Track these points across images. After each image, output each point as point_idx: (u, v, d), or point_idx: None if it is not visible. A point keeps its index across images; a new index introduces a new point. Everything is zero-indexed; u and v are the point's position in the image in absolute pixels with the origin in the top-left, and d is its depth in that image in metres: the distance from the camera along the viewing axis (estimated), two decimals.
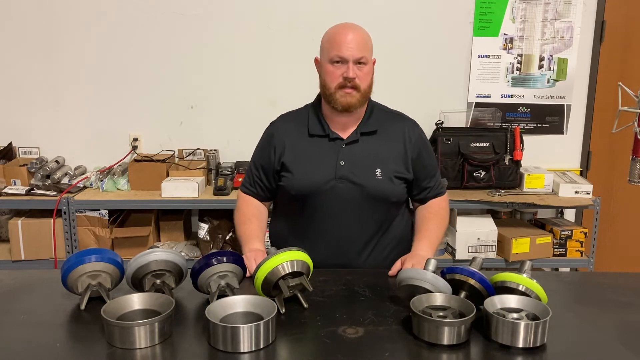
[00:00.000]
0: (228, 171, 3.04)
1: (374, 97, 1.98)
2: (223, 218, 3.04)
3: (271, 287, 1.44)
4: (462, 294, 1.43)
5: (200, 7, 3.09)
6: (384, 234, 1.86)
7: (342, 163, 1.78)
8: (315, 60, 1.83)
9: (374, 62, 1.81)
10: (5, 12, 3.06)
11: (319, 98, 1.86)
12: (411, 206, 1.99)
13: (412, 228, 1.99)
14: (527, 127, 3.27)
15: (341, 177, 1.77)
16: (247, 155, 2.22)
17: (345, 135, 1.81)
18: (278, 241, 1.91)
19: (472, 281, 1.42)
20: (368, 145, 1.80)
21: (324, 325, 1.37)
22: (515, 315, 1.32)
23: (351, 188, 1.76)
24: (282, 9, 3.10)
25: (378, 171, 1.78)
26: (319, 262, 1.58)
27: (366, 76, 1.74)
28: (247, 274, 1.59)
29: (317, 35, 1.84)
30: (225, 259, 1.50)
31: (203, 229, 2.98)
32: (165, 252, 1.50)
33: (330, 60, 1.72)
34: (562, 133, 3.30)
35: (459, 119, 3.23)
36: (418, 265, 1.63)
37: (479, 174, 3.02)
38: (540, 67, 3.21)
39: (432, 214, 1.90)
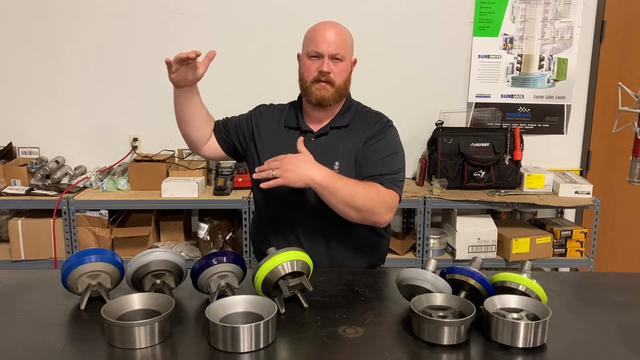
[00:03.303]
0: (228, 171, 3.04)
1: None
2: (223, 218, 3.04)
3: (271, 287, 1.44)
4: (462, 294, 1.43)
5: (200, 7, 3.09)
6: (346, 230, 1.80)
7: None
8: (298, 55, 1.87)
9: (355, 62, 1.84)
10: (5, 12, 3.07)
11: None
12: None
13: (376, 231, 1.87)
14: (527, 127, 3.27)
15: None
16: None
17: (316, 128, 1.84)
18: (253, 237, 1.97)
19: (472, 281, 1.42)
20: (335, 138, 1.82)
21: (324, 325, 1.37)
22: (515, 315, 1.32)
23: None
24: (281, 8, 3.10)
25: (336, 164, 1.77)
26: None
27: (341, 72, 1.76)
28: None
29: None
30: (225, 259, 1.50)
31: (203, 229, 2.98)
32: (165, 252, 1.50)
33: (307, 54, 1.77)
34: (562, 133, 3.30)
35: (459, 119, 3.23)
36: (285, 165, 1.58)
37: (479, 174, 3.02)
38: (540, 67, 3.21)
39: (364, 182, 1.71)
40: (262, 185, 1.60)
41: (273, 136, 1.86)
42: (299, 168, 1.60)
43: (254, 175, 1.65)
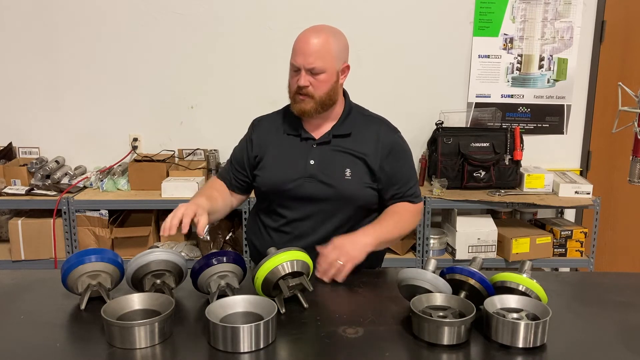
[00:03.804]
0: None
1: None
2: (223, 218, 3.04)
3: (271, 287, 1.44)
4: (462, 294, 1.43)
5: (200, 7, 3.09)
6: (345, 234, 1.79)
7: (312, 162, 1.78)
8: None
9: (347, 68, 1.79)
10: (5, 13, 3.06)
11: None
12: None
13: None
14: (527, 127, 3.27)
15: (310, 176, 1.77)
16: None
17: (317, 135, 1.82)
18: (251, 240, 1.95)
19: (472, 281, 1.42)
20: (340, 146, 1.80)
21: (324, 325, 1.37)
22: (515, 315, 1.32)
23: (320, 187, 1.76)
24: (282, 8, 3.10)
25: (348, 171, 1.77)
26: None
27: (322, 84, 1.72)
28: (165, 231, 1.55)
29: None
30: (225, 259, 1.51)
31: None
32: (165, 252, 1.50)
33: (290, 66, 1.76)
34: (562, 133, 3.30)
35: (459, 119, 3.23)
36: (341, 249, 1.60)
37: (479, 174, 3.02)
38: (540, 67, 3.21)
39: (394, 212, 1.82)
40: (339, 279, 1.58)
41: (275, 146, 1.84)
42: (354, 246, 1.63)
43: (325, 279, 1.59)
